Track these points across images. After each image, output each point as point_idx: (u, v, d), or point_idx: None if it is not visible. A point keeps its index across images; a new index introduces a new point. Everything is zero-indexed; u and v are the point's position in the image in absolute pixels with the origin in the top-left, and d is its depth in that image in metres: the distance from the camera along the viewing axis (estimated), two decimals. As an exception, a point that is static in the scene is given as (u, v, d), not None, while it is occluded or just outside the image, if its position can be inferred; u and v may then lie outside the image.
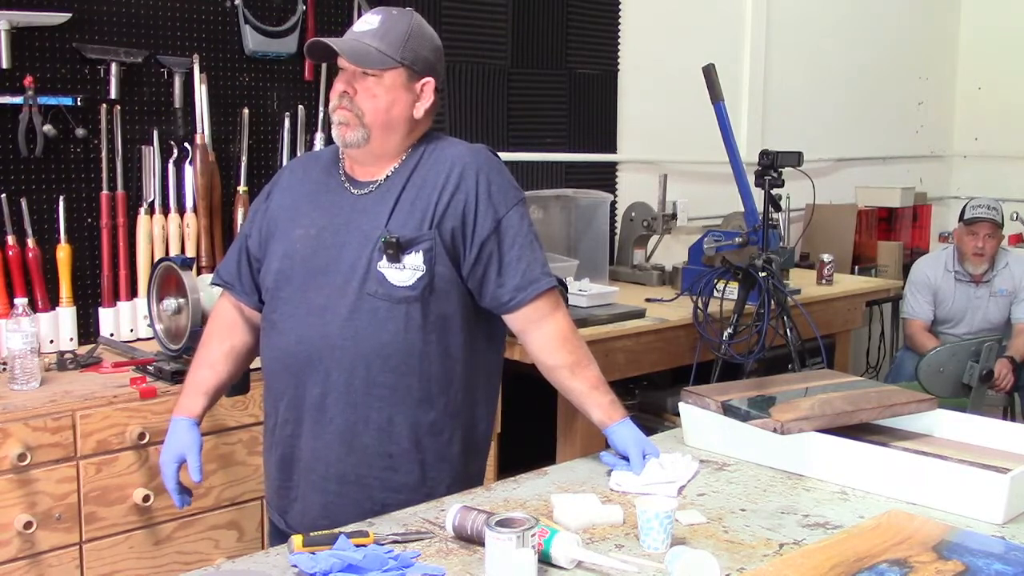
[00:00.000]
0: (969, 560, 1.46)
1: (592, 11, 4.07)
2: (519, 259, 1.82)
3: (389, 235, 1.75)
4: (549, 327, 1.85)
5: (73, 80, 2.71)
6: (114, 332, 2.79)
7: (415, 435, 1.80)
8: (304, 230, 1.83)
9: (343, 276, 1.77)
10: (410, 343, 1.77)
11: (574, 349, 1.86)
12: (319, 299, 1.78)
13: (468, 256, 1.80)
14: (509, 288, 1.81)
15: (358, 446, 1.78)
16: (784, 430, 1.82)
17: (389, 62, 1.77)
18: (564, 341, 1.85)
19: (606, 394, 1.87)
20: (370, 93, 1.78)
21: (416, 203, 1.79)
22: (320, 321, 1.77)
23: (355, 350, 1.76)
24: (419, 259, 1.76)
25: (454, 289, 1.80)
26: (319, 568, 1.42)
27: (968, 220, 4.30)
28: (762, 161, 3.38)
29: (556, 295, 1.87)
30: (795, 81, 5.03)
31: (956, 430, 1.99)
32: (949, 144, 6.17)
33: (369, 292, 1.76)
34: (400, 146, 1.84)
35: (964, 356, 4.00)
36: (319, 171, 1.90)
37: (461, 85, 3.66)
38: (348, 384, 1.76)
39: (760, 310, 3.21)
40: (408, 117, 1.82)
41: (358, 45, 1.78)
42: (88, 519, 2.26)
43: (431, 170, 1.82)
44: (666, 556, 1.46)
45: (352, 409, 1.77)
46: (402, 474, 1.80)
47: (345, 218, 1.81)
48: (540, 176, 3.93)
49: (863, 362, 5.42)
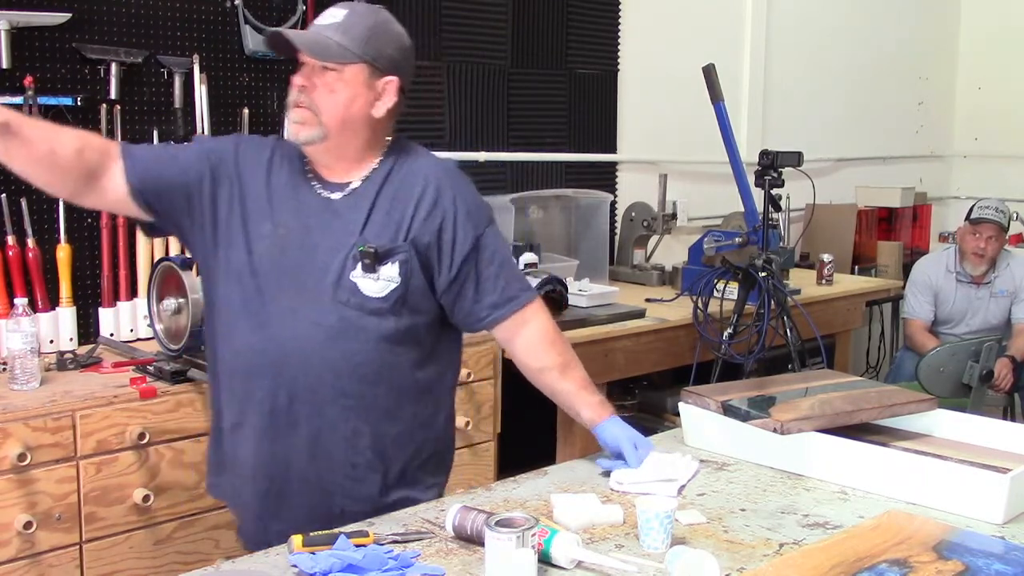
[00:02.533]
0: (969, 560, 1.46)
1: (592, 11, 4.06)
2: (497, 276, 1.81)
3: (367, 245, 1.71)
4: (534, 332, 1.86)
5: (73, 80, 2.70)
6: (114, 332, 2.78)
7: (381, 446, 1.77)
8: (273, 227, 1.76)
9: (314, 281, 1.73)
10: (379, 354, 1.74)
11: (562, 351, 1.87)
12: (287, 302, 1.73)
13: (445, 274, 1.78)
14: (486, 305, 1.81)
15: (322, 454, 1.75)
16: (784, 430, 1.82)
17: (350, 56, 1.72)
18: (551, 344, 1.86)
19: (594, 394, 1.89)
20: (329, 88, 1.73)
21: (391, 214, 1.76)
22: (289, 325, 1.72)
23: (324, 357, 1.72)
24: (395, 270, 1.73)
25: (425, 302, 1.78)
26: (319, 568, 1.42)
27: (974, 220, 4.29)
28: (762, 161, 3.38)
29: (537, 302, 1.88)
30: (795, 81, 5.03)
31: (956, 430, 1.99)
32: (949, 144, 6.17)
33: (341, 301, 1.72)
34: (363, 148, 1.79)
35: (964, 356, 4.00)
36: (287, 164, 1.82)
37: (461, 85, 3.66)
38: (315, 391, 1.73)
39: (760, 310, 3.21)
40: (367, 116, 1.76)
41: (319, 38, 1.73)
42: (88, 519, 2.26)
43: (404, 181, 1.79)
44: (666, 556, 1.46)
45: (318, 417, 1.74)
46: (366, 484, 1.77)
47: (315, 220, 1.76)
48: (540, 176, 3.93)
49: (863, 362, 5.42)
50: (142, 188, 1.75)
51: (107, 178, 1.73)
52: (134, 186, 1.74)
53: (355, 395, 1.74)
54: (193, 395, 2.36)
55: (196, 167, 1.79)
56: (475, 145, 3.71)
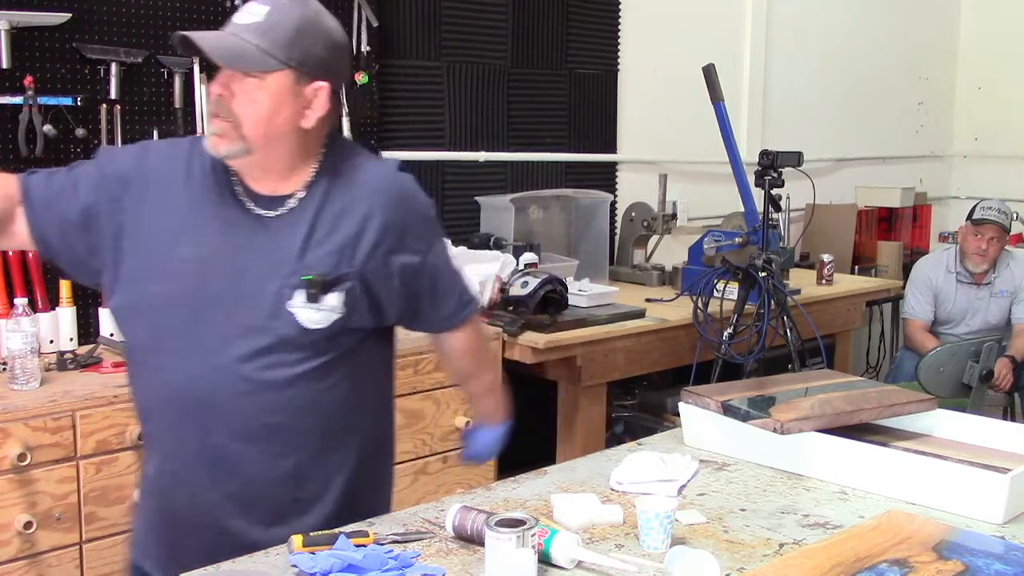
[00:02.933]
0: (969, 560, 1.46)
1: (592, 11, 4.07)
2: (451, 287, 1.75)
3: (315, 274, 1.53)
4: (462, 338, 1.83)
5: (73, 80, 2.70)
6: (114, 332, 2.78)
7: (325, 477, 1.65)
8: (193, 250, 1.56)
9: (243, 309, 1.54)
10: (319, 385, 1.59)
11: (477, 359, 1.90)
12: (213, 334, 1.55)
13: (398, 298, 1.64)
14: (443, 314, 1.75)
15: (264, 494, 1.61)
16: (784, 430, 1.82)
17: (271, 63, 1.52)
18: (471, 351, 1.86)
19: (492, 402, 1.99)
20: (250, 97, 1.52)
21: (335, 236, 1.57)
22: (215, 359, 1.54)
23: (257, 393, 1.55)
24: (338, 299, 1.56)
25: (369, 322, 1.63)
26: (319, 568, 1.42)
27: (976, 220, 4.28)
28: (762, 161, 3.38)
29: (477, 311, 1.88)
30: (795, 81, 5.03)
31: (956, 430, 1.99)
32: (949, 144, 6.17)
33: (275, 331, 1.54)
34: (293, 159, 1.59)
35: (964, 356, 4.00)
36: (211, 174, 1.60)
37: (461, 85, 3.66)
38: (248, 430, 1.57)
39: (760, 310, 3.21)
40: (295, 128, 1.55)
41: (234, 42, 1.54)
42: (88, 519, 2.26)
43: (349, 198, 1.59)
44: (666, 556, 1.46)
45: (255, 456, 1.58)
46: (313, 516, 1.64)
47: (244, 240, 1.57)
48: (540, 176, 3.93)
49: (863, 362, 5.42)
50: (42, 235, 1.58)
51: (15, 223, 1.58)
52: (33, 232, 1.58)
53: (294, 429, 1.59)
54: (193, 395, 2.36)
55: (93, 198, 1.58)
56: (475, 145, 3.71)
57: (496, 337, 2.91)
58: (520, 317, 2.99)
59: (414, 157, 3.53)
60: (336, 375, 1.61)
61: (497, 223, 3.55)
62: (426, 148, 3.58)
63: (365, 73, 3.26)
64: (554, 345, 2.94)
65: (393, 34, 3.42)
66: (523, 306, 3.03)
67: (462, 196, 3.65)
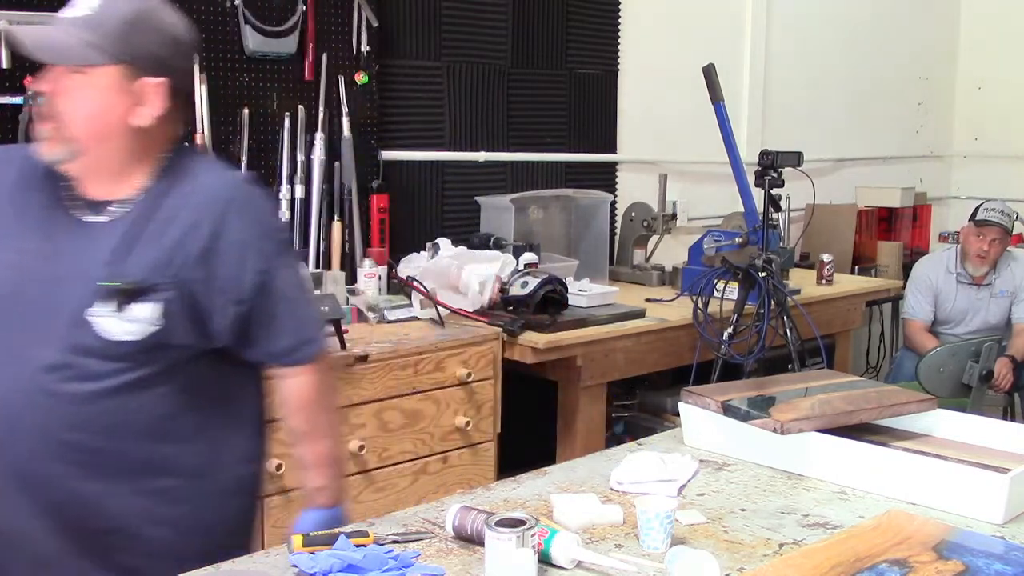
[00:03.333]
0: (969, 560, 1.46)
1: (592, 11, 4.06)
2: (290, 316, 1.57)
3: (123, 282, 1.44)
4: (297, 388, 1.62)
5: (73, 80, 2.70)
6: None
7: (143, 509, 1.52)
8: (15, 256, 1.50)
9: (49, 318, 1.46)
10: (131, 403, 1.48)
11: (312, 419, 1.65)
12: (21, 342, 1.47)
13: (220, 317, 1.51)
14: (281, 347, 1.58)
15: (73, 521, 1.49)
16: (784, 430, 1.82)
17: (97, 57, 1.44)
18: (305, 406, 1.63)
19: (322, 478, 1.67)
20: (76, 94, 1.46)
21: (156, 242, 1.48)
22: (19, 368, 1.46)
23: (57, 407, 1.45)
24: (152, 311, 1.46)
25: (196, 344, 1.52)
26: (319, 568, 1.42)
27: (979, 221, 4.28)
28: (762, 161, 3.38)
29: (325, 353, 1.66)
30: (795, 81, 5.03)
31: (956, 430, 1.99)
32: (949, 144, 6.17)
33: (76, 340, 1.45)
34: (126, 162, 1.51)
35: (964, 356, 4.00)
36: (43, 179, 1.53)
37: (461, 85, 3.65)
38: (49, 448, 1.46)
39: (760, 310, 3.21)
40: (126, 126, 1.48)
41: (58, 36, 1.46)
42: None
43: (181, 205, 1.50)
44: (666, 556, 1.46)
45: (60, 476, 1.47)
46: (129, 555, 1.52)
47: (64, 246, 1.49)
48: (540, 176, 3.93)
49: (863, 362, 5.42)
50: None
51: None
52: None
53: (99, 450, 1.48)
54: (193, 395, 2.36)
55: None
56: (475, 145, 3.71)
57: (496, 337, 2.92)
58: (520, 317, 2.99)
59: (414, 157, 3.53)
60: (153, 394, 1.50)
61: (497, 223, 3.55)
62: (426, 148, 3.58)
63: (365, 73, 3.26)
64: (554, 345, 2.94)
65: (393, 34, 3.42)
66: (523, 306, 3.04)
67: (462, 196, 3.65)
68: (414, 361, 2.74)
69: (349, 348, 2.60)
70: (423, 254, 3.28)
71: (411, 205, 3.52)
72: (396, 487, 2.73)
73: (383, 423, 2.68)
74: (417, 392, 2.75)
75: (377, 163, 3.36)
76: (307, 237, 3.15)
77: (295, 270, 1.61)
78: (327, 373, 1.65)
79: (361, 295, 3.08)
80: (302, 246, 3.13)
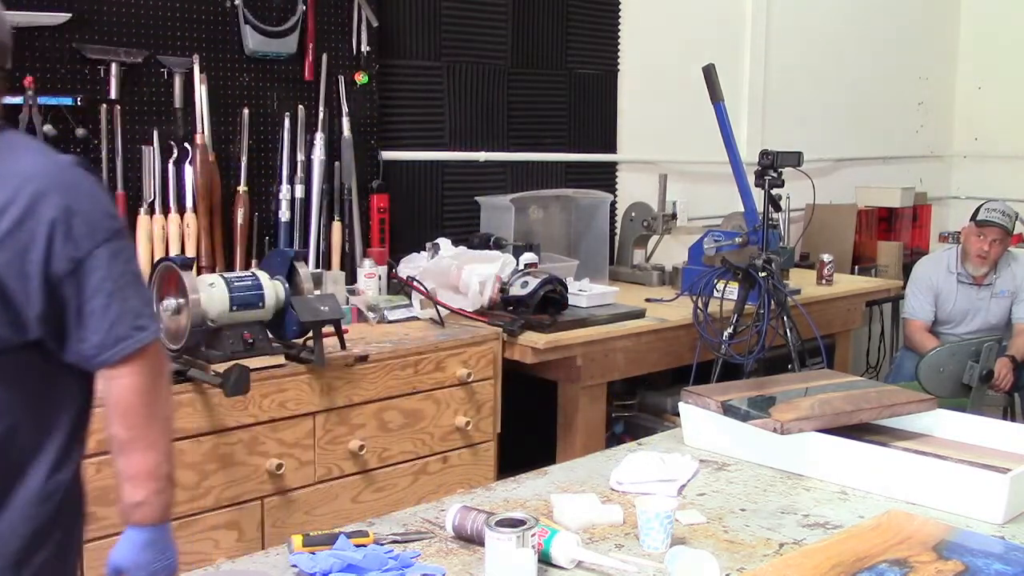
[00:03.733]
0: (969, 560, 1.46)
1: (592, 11, 4.07)
2: (105, 309, 1.42)
3: None
4: (116, 391, 1.46)
5: (73, 80, 2.70)
6: (114, 332, 2.78)
7: None
8: None
9: None
10: None
11: (131, 426, 1.47)
12: None
13: (34, 303, 1.38)
14: (93, 343, 1.43)
15: None
16: (784, 430, 1.82)
17: None
18: (125, 413, 1.47)
19: (142, 492, 1.47)
20: None
21: None
22: None
23: None
24: None
25: (8, 336, 1.40)
26: (319, 568, 1.42)
27: (980, 222, 4.28)
28: (762, 161, 3.38)
29: (151, 352, 1.48)
30: (795, 81, 5.03)
31: (956, 430, 1.99)
32: (949, 144, 6.17)
33: None
34: None
35: (964, 356, 4.00)
36: None
37: (461, 85, 3.65)
38: None
39: (760, 310, 3.21)
40: None
41: None
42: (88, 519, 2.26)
43: None
44: (666, 556, 1.46)
45: None
46: None
47: None
48: (540, 176, 3.93)
49: (863, 362, 5.42)
50: None
51: None
52: None
53: None
54: (193, 395, 2.36)
55: None
56: (475, 145, 3.71)
57: (496, 337, 2.92)
58: (520, 317, 2.99)
59: (414, 157, 3.53)
60: None
61: (497, 223, 3.55)
62: (426, 148, 3.58)
63: (365, 73, 3.26)
64: (554, 345, 2.94)
65: (393, 34, 3.42)
66: (523, 306, 3.04)
67: (462, 196, 3.65)
68: (414, 361, 2.74)
69: (349, 348, 2.60)
70: (423, 254, 3.28)
71: (411, 205, 3.52)
72: (396, 487, 2.73)
73: (383, 423, 2.68)
74: (417, 392, 2.75)
75: (377, 163, 3.36)
76: (307, 237, 3.15)
77: (122, 261, 1.45)
78: (152, 376, 1.48)
79: (361, 295, 3.08)
80: (302, 246, 3.13)
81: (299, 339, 2.55)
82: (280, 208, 3.10)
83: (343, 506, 2.61)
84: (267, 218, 3.09)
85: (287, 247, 3.07)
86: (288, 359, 2.51)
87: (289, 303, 2.47)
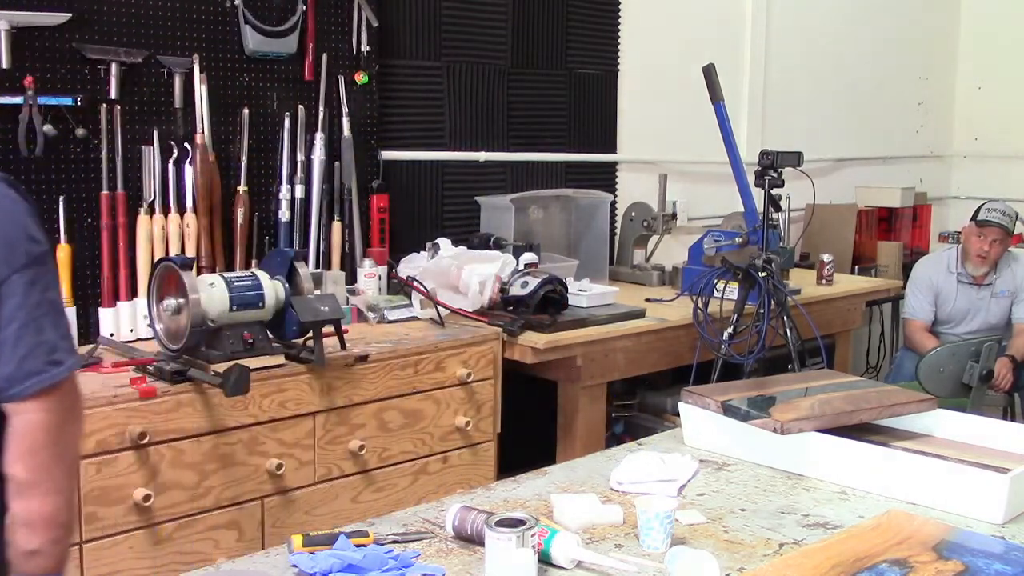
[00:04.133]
0: (969, 560, 1.46)
1: (592, 11, 4.07)
2: (17, 340, 1.33)
3: None
4: (20, 428, 1.35)
5: (73, 80, 2.70)
6: (114, 332, 2.78)
7: None
8: None
9: None
10: None
11: (33, 468, 1.35)
12: None
13: None
14: (2, 375, 1.33)
15: None
16: (784, 430, 1.82)
17: None
18: (28, 452, 1.35)
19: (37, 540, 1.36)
20: None
21: None
22: None
23: None
24: None
25: None
26: (319, 568, 1.42)
27: (980, 222, 4.28)
28: (762, 161, 3.38)
29: (65, 389, 1.38)
30: (795, 81, 5.03)
31: (956, 430, 1.99)
32: (949, 144, 6.18)
33: None
34: None
35: (964, 356, 4.00)
36: None
37: (461, 85, 3.65)
38: None
39: (760, 310, 3.21)
40: None
41: None
42: (88, 519, 2.26)
43: None
44: (666, 556, 1.46)
45: None
46: None
47: None
48: (540, 176, 3.93)
49: (863, 362, 5.42)
50: None
51: None
52: None
53: None
54: (193, 395, 2.36)
55: None
56: (475, 145, 3.71)
57: (496, 337, 2.92)
58: (520, 317, 2.99)
59: (414, 157, 3.53)
60: None
61: (497, 223, 3.56)
62: (426, 148, 3.58)
63: (365, 73, 3.26)
64: (554, 345, 2.94)
65: (393, 34, 3.42)
66: (523, 306, 3.04)
67: (462, 196, 3.65)
68: (414, 361, 2.74)
69: (349, 348, 2.60)
70: (423, 254, 3.28)
71: (411, 205, 3.52)
72: (396, 487, 2.73)
73: (383, 423, 2.68)
74: (417, 392, 2.75)
75: (377, 163, 3.36)
76: (307, 237, 3.15)
77: (39, 289, 1.36)
78: (63, 414, 1.37)
79: (361, 295, 3.08)
80: (302, 246, 3.13)
81: (299, 339, 2.55)
82: (280, 208, 3.10)
83: (343, 506, 2.62)
84: (267, 218, 3.09)
85: (287, 247, 3.07)
86: (288, 359, 2.51)
87: (289, 303, 2.47)
